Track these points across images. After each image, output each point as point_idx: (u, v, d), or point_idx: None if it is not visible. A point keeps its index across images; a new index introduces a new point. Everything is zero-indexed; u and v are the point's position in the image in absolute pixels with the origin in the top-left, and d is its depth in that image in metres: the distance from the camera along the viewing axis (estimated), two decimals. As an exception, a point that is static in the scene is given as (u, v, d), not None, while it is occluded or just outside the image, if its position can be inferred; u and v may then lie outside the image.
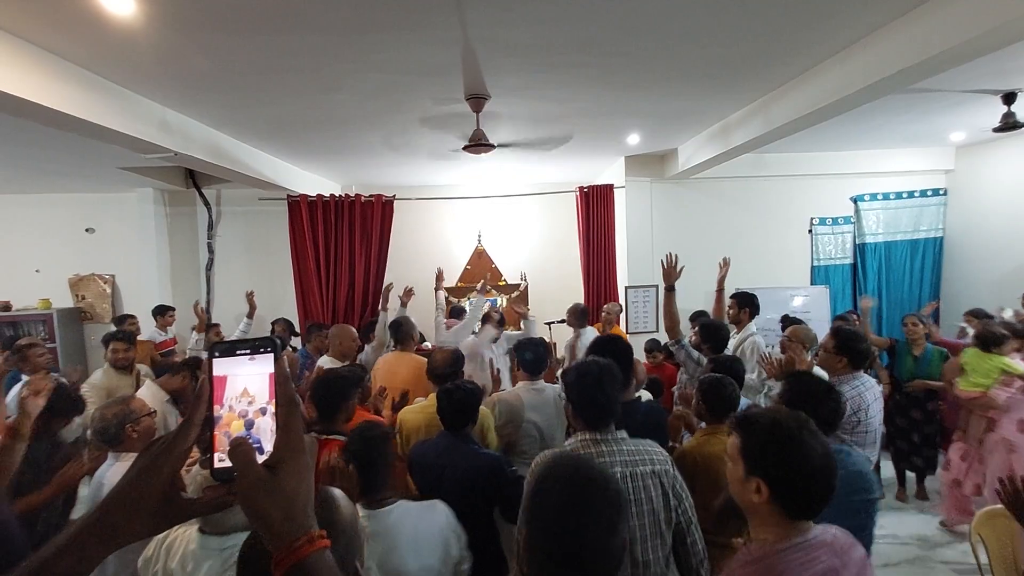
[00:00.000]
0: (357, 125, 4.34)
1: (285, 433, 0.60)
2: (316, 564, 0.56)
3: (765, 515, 1.19)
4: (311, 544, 0.56)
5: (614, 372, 1.83)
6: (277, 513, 0.56)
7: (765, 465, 1.17)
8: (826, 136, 5.32)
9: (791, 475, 1.15)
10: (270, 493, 0.57)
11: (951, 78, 3.45)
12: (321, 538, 0.58)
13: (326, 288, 5.63)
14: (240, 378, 0.62)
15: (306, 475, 0.60)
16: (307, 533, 0.57)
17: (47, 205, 6.43)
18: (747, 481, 1.19)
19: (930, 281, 6.46)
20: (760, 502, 1.17)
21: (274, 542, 0.56)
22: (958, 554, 3.49)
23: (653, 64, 3.27)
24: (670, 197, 6.21)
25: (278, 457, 0.58)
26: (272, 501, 0.56)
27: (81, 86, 3.01)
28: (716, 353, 3.14)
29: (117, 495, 0.59)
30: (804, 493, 1.16)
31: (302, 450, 0.60)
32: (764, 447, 1.19)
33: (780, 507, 1.16)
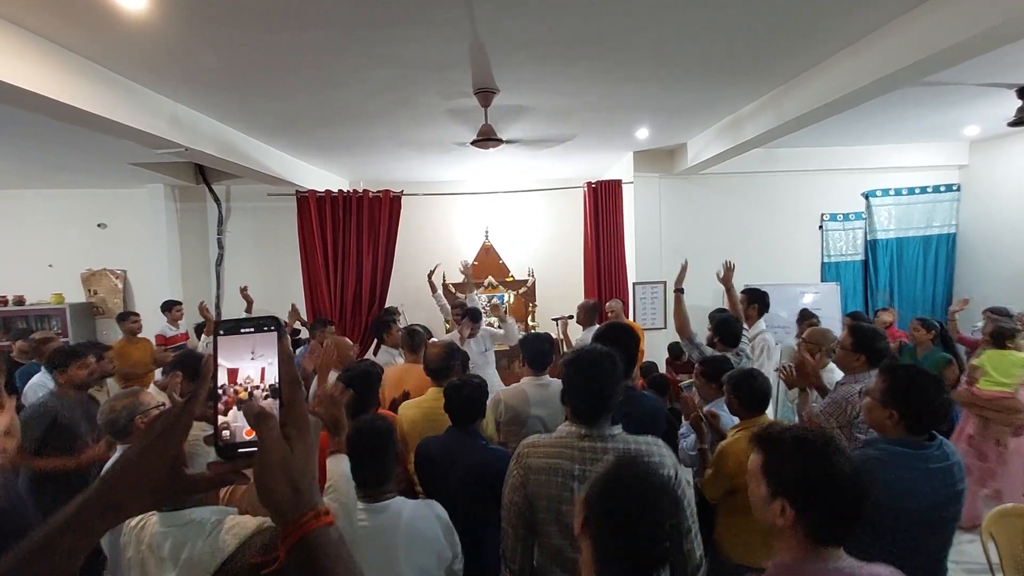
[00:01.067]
0: (365, 120, 4.35)
1: (290, 410, 0.60)
2: (321, 539, 0.57)
3: (790, 539, 1.12)
4: (317, 519, 0.57)
5: (613, 360, 1.72)
6: (287, 488, 0.57)
7: (790, 486, 1.11)
8: (838, 130, 5.26)
9: (818, 497, 1.08)
10: (286, 468, 0.57)
11: (965, 71, 3.40)
12: (327, 514, 0.58)
13: (334, 283, 5.66)
14: (244, 357, 0.63)
15: (313, 452, 0.60)
16: (314, 509, 0.58)
17: (60, 200, 6.50)
18: (771, 502, 1.12)
19: (943, 278, 6.38)
20: (785, 525, 1.10)
21: (282, 517, 0.57)
22: (968, 553, 3.45)
23: (663, 57, 3.24)
24: (679, 193, 6.17)
25: (288, 433, 0.59)
26: (284, 476, 0.57)
27: (93, 81, 3.04)
28: (728, 347, 3.13)
29: (120, 471, 0.60)
30: (830, 515, 1.08)
31: (308, 427, 0.60)
32: (789, 467, 1.12)
33: (806, 530, 1.09)
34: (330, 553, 0.57)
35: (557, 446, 1.69)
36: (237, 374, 0.63)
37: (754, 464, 1.19)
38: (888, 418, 1.71)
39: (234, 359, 0.63)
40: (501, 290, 6.68)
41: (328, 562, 0.57)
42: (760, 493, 1.16)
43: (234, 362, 0.63)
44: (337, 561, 0.57)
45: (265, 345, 0.63)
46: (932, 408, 1.68)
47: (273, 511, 0.58)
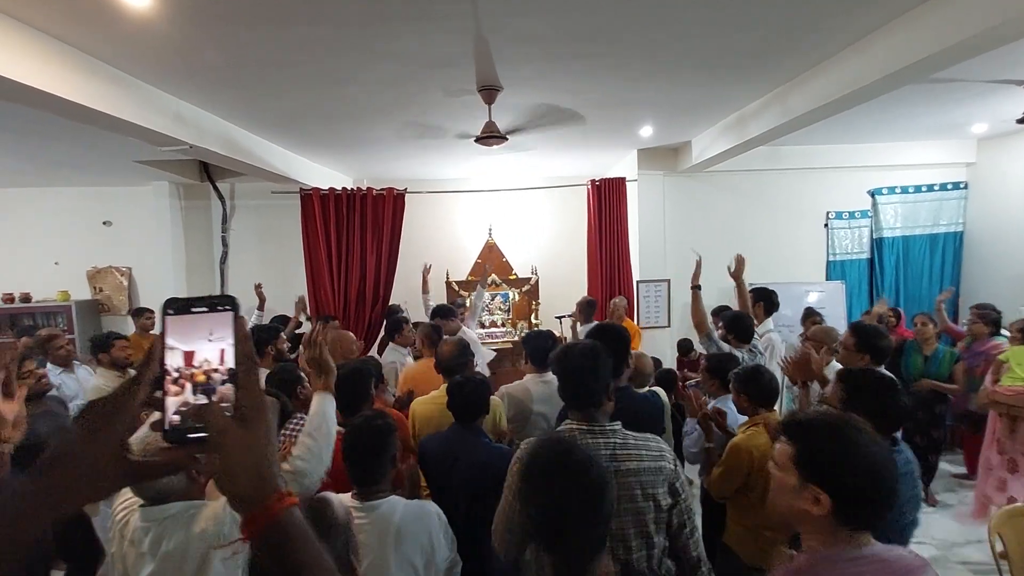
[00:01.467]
0: (369, 117, 4.35)
1: (247, 392, 0.58)
2: (289, 520, 0.56)
3: (822, 526, 1.10)
4: (282, 501, 0.56)
5: (599, 353, 1.76)
6: (249, 473, 0.56)
7: (827, 474, 1.09)
8: (843, 128, 5.23)
9: (856, 484, 1.07)
10: (244, 452, 0.56)
11: (973, 67, 3.37)
12: (289, 495, 0.57)
13: (338, 281, 5.66)
14: (201, 338, 0.60)
15: (271, 433, 0.59)
16: (276, 491, 0.56)
17: (65, 198, 6.53)
18: (802, 490, 1.11)
19: (950, 277, 6.34)
20: (819, 514, 1.09)
21: (245, 502, 0.56)
22: (976, 554, 3.43)
23: (668, 53, 3.23)
24: (683, 190, 6.15)
25: (243, 416, 0.57)
26: (246, 461, 0.56)
27: (98, 78, 3.04)
28: (741, 343, 3.11)
29: (58, 458, 0.56)
30: (869, 503, 1.08)
31: (265, 408, 0.59)
32: (824, 454, 1.10)
33: (840, 518, 1.09)
34: (299, 534, 0.56)
35: None
36: (193, 356, 0.60)
37: (783, 454, 1.17)
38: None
39: (190, 341, 0.60)
40: (505, 288, 6.68)
41: (298, 543, 0.56)
42: (790, 483, 1.14)
43: (190, 344, 0.60)
44: (306, 542, 0.56)
45: (222, 326, 0.60)
46: (889, 412, 1.72)
47: (235, 498, 0.56)
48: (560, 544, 1.17)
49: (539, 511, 1.19)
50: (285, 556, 0.55)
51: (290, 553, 0.55)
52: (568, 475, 1.19)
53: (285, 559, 0.55)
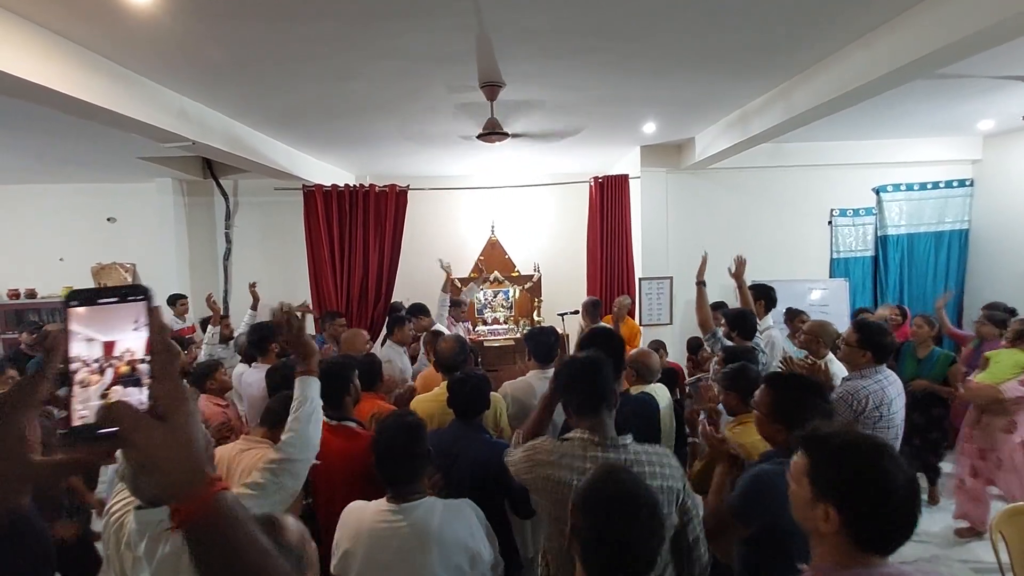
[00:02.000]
0: (372, 114, 4.35)
1: (165, 382, 0.57)
2: (220, 505, 0.55)
3: (832, 544, 1.08)
4: (212, 487, 0.55)
5: (604, 369, 1.76)
6: (174, 463, 0.55)
7: (838, 491, 1.06)
8: (848, 124, 5.19)
9: (869, 505, 1.04)
10: (166, 444, 0.54)
11: (980, 63, 3.34)
12: (220, 480, 0.56)
13: (340, 277, 5.67)
14: (125, 328, 0.58)
15: (194, 420, 0.58)
16: (205, 479, 0.55)
17: (70, 195, 6.56)
18: (814, 506, 1.09)
19: (955, 275, 6.30)
20: (829, 531, 1.07)
21: (174, 493, 0.55)
22: (977, 553, 3.42)
23: (671, 49, 3.21)
24: (686, 188, 6.12)
25: (164, 407, 0.56)
26: (169, 452, 0.54)
27: (100, 74, 3.05)
28: (746, 339, 3.10)
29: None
30: (882, 525, 1.05)
31: (186, 397, 0.57)
32: (838, 471, 1.07)
33: (851, 537, 1.06)
34: (231, 517, 0.55)
35: (565, 455, 1.65)
36: (114, 347, 0.58)
37: (798, 466, 1.15)
38: (777, 433, 1.77)
39: (111, 331, 0.58)
40: (507, 285, 6.68)
41: (231, 525, 0.55)
42: (803, 496, 1.12)
43: (111, 334, 0.58)
44: (238, 526, 0.55)
45: (123, 316, 0.58)
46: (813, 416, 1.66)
47: (159, 489, 0.55)
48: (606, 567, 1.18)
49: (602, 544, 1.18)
50: (218, 540, 0.54)
51: (223, 536, 0.54)
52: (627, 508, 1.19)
53: (218, 543, 0.54)
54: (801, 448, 1.17)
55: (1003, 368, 3.47)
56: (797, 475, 1.15)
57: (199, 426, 0.58)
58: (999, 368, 3.48)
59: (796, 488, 1.15)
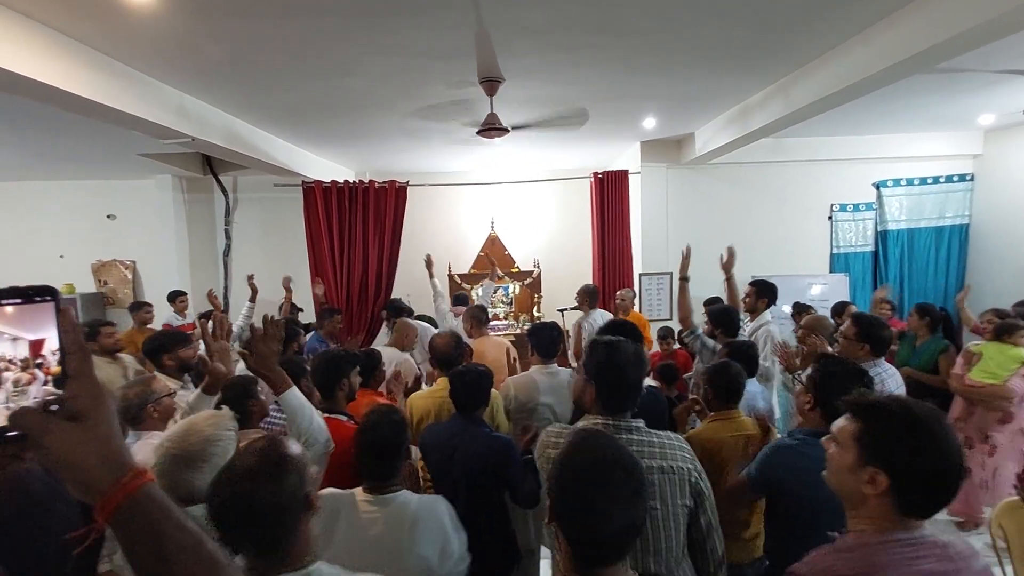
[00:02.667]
0: (371, 110, 4.34)
1: (81, 381, 0.57)
2: (148, 495, 0.56)
3: (873, 507, 1.09)
4: (138, 478, 0.56)
5: (643, 357, 1.74)
6: (94, 460, 0.55)
7: (891, 456, 1.06)
8: (848, 119, 5.18)
9: (921, 471, 1.04)
10: (84, 442, 0.55)
11: (981, 57, 3.34)
12: (145, 472, 0.57)
13: (340, 273, 5.68)
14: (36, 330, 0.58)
15: (112, 419, 0.58)
16: (129, 471, 0.56)
17: (70, 191, 6.56)
18: (860, 470, 1.09)
19: (955, 270, 6.30)
20: (873, 494, 1.08)
21: (95, 488, 0.55)
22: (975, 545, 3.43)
23: (671, 44, 3.21)
24: (686, 183, 6.12)
25: (82, 405, 0.56)
26: (87, 449, 0.55)
27: (100, 71, 3.05)
28: (729, 337, 3.10)
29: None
30: (932, 490, 1.06)
31: (103, 395, 0.58)
32: (895, 437, 1.07)
33: (895, 502, 1.06)
34: (156, 507, 0.56)
35: None
36: (43, 345, 0.58)
37: (846, 431, 1.15)
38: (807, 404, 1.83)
39: (38, 329, 0.58)
40: (507, 281, 6.68)
41: (158, 514, 0.56)
42: (847, 460, 1.12)
43: (38, 332, 0.58)
44: (166, 513, 0.56)
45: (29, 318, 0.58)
46: None
47: (80, 489, 0.56)
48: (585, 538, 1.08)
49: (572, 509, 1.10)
50: (145, 528, 0.55)
51: (150, 524, 0.55)
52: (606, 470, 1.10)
53: (146, 531, 0.55)
54: (850, 413, 1.17)
55: (997, 364, 3.44)
56: (844, 439, 1.15)
57: (116, 424, 0.59)
58: (993, 364, 3.46)
59: (839, 453, 1.15)
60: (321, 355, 2.54)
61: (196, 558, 0.56)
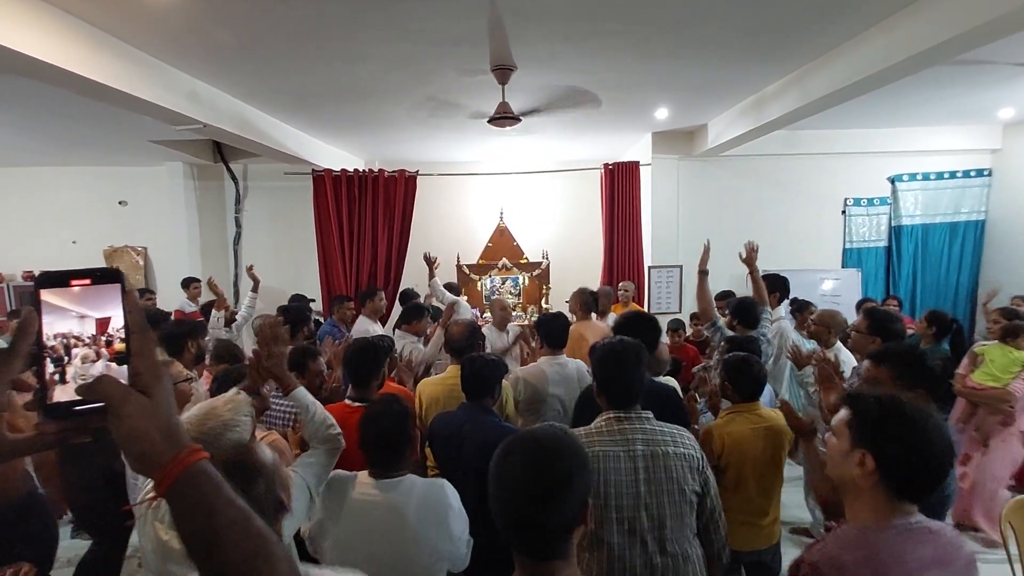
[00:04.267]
0: (381, 97, 4.33)
1: (143, 359, 0.60)
2: (199, 470, 0.58)
3: (868, 495, 1.13)
4: (193, 454, 0.58)
5: (639, 352, 1.82)
6: (156, 434, 0.57)
7: (876, 437, 1.12)
8: (864, 112, 5.10)
9: (904, 448, 1.09)
10: (149, 416, 0.58)
11: (1002, 49, 3.26)
12: (200, 450, 0.59)
13: (349, 262, 5.69)
14: (103, 308, 0.61)
15: (171, 396, 0.61)
16: (185, 447, 0.58)
17: (82, 177, 6.61)
18: (850, 453, 1.14)
19: (969, 266, 6.21)
20: (862, 476, 1.12)
21: (154, 463, 0.57)
22: (982, 544, 3.42)
23: (686, 32, 3.16)
24: (698, 175, 6.06)
25: (144, 382, 0.59)
26: (151, 424, 0.57)
27: (114, 55, 3.06)
28: (747, 329, 3.09)
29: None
30: (915, 472, 1.09)
31: (163, 373, 0.61)
32: (878, 417, 1.13)
33: (885, 485, 1.10)
34: (211, 482, 0.58)
35: (599, 434, 1.74)
36: (109, 323, 0.61)
37: (840, 420, 1.22)
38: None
39: (104, 308, 0.61)
40: (515, 272, 6.68)
41: (210, 489, 0.58)
42: (842, 447, 1.18)
43: (105, 311, 0.61)
44: (218, 489, 0.58)
45: (96, 298, 0.61)
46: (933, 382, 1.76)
47: (142, 461, 0.58)
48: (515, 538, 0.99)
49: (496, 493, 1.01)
50: (198, 503, 0.57)
51: (202, 499, 0.57)
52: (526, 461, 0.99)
53: (196, 506, 0.57)
54: (845, 405, 1.23)
55: (1000, 366, 3.41)
56: (839, 428, 1.21)
57: (173, 403, 0.62)
58: (995, 367, 3.43)
59: (835, 441, 1.21)
60: (358, 345, 2.52)
61: (245, 533, 0.58)
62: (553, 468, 0.98)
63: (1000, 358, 3.43)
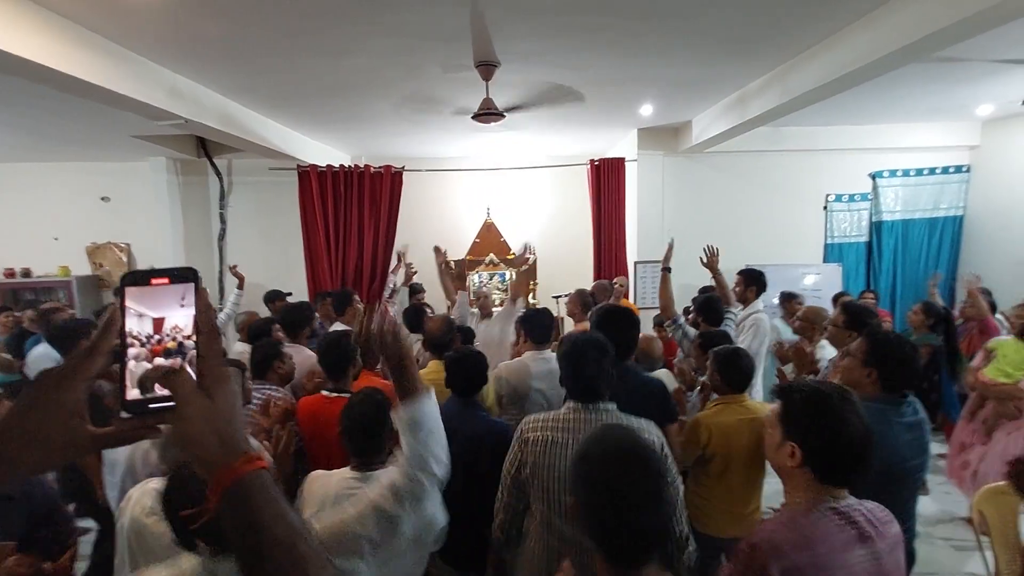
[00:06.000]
0: (365, 92, 4.31)
1: (207, 361, 0.60)
2: (255, 482, 0.57)
3: (797, 479, 1.24)
4: (249, 463, 0.57)
5: (603, 346, 1.85)
6: (214, 438, 0.57)
7: (801, 429, 1.22)
8: (845, 109, 5.17)
9: (824, 442, 1.19)
10: (209, 419, 0.57)
11: (980, 45, 3.33)
12: (259, 459, 0.58)
13: (335, 258, 5.67)
14: (172, 305, 0.62)
15: (235, 401, 0.60)
16: (245, 454, 0.57)
17: (64, 173, 6.51)
18: (782, 446, 1.25)
19: (947, 261, 6.32)
20: (793, 466, 1.22)
21: (211, 467, 0.56)
22: (958, 531, 3.51)
23: (670, 28, 3.18)
24: (682, 171, 6.11)
25: (207, 384, 0.58)
26: (210, 427, 0.57)
27: (94, 51, 3.02)
28: (713, 326, 3.14)
29: (6, 426, 0.57)
30: (835, 460, 1.20)
31: (226, 378, 0.60)
32: (801, 413, 1.24)
33: (811, 472, 1.21)
34: (263, 496, 0.57)
35: (554, 421, 1.79)
36: (163, 323, 0.61)
37: (773, 412, 1.32)
38: (867, 376, 1.83)
39: (160, 307, 0.61)
40: (502, 268, 6.69)
41: (260, 503, 0.56)
42: (775, 438, 1.28)
43: (160, 310, 0.61)
44: (269, 503, 0.57)
45: (172, 297, 0.62)
46: (907, 370, 1.82)
47: (200, 462, 0.57)
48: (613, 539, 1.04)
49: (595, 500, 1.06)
50: (244, 517, 0.56)
51: (251, 513, 0.56)
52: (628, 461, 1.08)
53: (244, 520, 0.56)
54: (777, 397, 1.33)
55: (1012, 363, 3.44)
56: (772, 421, 1.31)
57: (238, 407, 0.61)
58: (1007, 363, 3.45)
59: (770, 431, 1.31)
60: (330, 338, 2.56)
61: (288, 556, 0.56)
62: (648, 471, 1.04)
63: (1014, 354, 3.45)
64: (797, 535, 1.16)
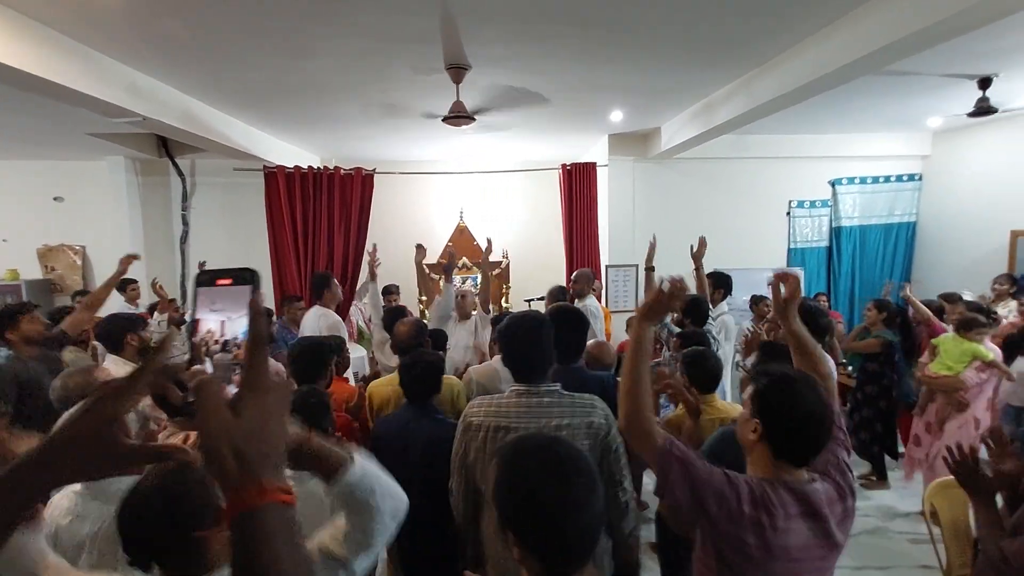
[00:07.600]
0: (334, 94, 4.24)
1: (250, 371, 0.56)
2: (266, 517, 0.50)
3: (758, 454, 1.34)
4: (263, 495, 0.51)
5: (540, 321, 1.87)
6: (231, 458, 0.51)
7: (764, 408, 1.32)
8: (807, 119, 5.35)
9: (782, 417, 1.29)
10: (229, 437, 0.52)
11: (928, 60, 3.49)
12: (281, 491, 0.52)
13: (303, 262, 5.56)
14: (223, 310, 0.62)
15: (269, 419, 0.55)
16: (258, 482, 0.51)
17: (13, 172, 6.21)
18: (749, 422, 1.35)
19: (902, 265, 6.61)
20: (754, 440, 1.33)
21: (224, 489, 0.52)
22: (914, 525, 3.64)
23: (638, 37, 3.24)
24: (652, 177, 6.22)
25: (239, 395, 0.55)
26: (228, 445, 0.51)
27: (45, 46, 2.89)
28: (698, 326, 3.19)
29: (56, 434, 0.59)
30: (791, 436, 1.30)
31: (265, 389, 0.55)
32: (766, 391, 1.34)
33: (770, 447, 1.31)
34: (272, 532, 0.51)
35: (496, 406, 1.80)
36: (224, 326, 0.62)
37: (747, 392, 1.41)
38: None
39: (224, 309, 0.61)
40: (475, 272, 6.67)
41: (267, 540, 0.50)
42: (745, 415, 1.38)
43: (223, 313, 0.62)
44: (277, 541, 0.51)
45: (232, 298, 0.61)
46: None
47: (218, 480, 0.53)
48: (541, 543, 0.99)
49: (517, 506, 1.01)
50: (250, 550, 0.50)
51: (256, 548, 0.50)
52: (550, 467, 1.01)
53: (249, 553, 0.50)
54: (752, 380, 1.42)
55: (952, 357, 3.64)
56: (746, 400, 1.41)
57: (271, 425, 0.54)
58: (948, 356, 3.66)
59: (744, 410, 1.41)
60: (304, 343, 2.50)
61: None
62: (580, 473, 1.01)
63: (953, 348, 3.65)
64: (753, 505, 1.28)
